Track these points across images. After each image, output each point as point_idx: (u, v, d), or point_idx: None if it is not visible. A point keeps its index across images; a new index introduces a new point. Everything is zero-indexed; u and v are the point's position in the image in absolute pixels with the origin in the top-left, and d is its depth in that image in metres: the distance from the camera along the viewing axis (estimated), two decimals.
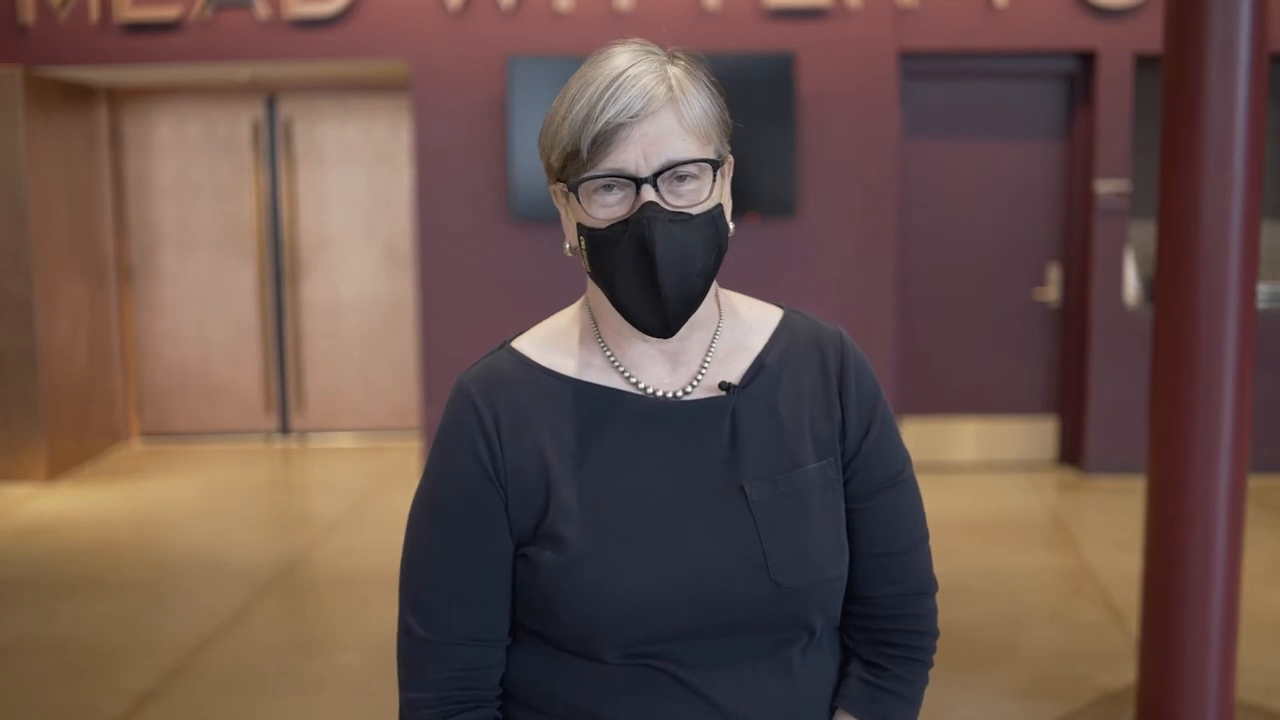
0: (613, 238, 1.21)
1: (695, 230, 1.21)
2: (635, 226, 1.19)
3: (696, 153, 1.21)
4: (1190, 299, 2.91)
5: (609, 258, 1.21)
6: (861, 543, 1.31)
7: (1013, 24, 6.03)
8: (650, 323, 1.22)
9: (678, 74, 1.22)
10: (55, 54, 6.24)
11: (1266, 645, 3.95)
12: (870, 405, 1.32)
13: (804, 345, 1.33)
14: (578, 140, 1.19)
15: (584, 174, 1.20)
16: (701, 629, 1.22)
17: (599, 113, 1.18)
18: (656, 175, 1.19)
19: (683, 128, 1.20)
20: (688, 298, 1.22)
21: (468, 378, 1.30)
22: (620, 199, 1.21)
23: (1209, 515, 2.94)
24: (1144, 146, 6.15)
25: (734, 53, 5.96)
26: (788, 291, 5.91)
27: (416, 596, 1.27)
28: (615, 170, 1.19)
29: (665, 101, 1.20)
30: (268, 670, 3.92)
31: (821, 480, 1.27)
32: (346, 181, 7.26)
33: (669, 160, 1.20)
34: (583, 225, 1.23)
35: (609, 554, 1.21)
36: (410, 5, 6.12)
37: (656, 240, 1.19)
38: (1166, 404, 2.98)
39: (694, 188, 1.22)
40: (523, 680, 1.28)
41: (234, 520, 5.76)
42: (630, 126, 1.19)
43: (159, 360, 7.37)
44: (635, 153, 1.19)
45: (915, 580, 1.33)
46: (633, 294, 1.21)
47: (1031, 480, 6.25)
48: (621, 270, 1.21)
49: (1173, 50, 2.92)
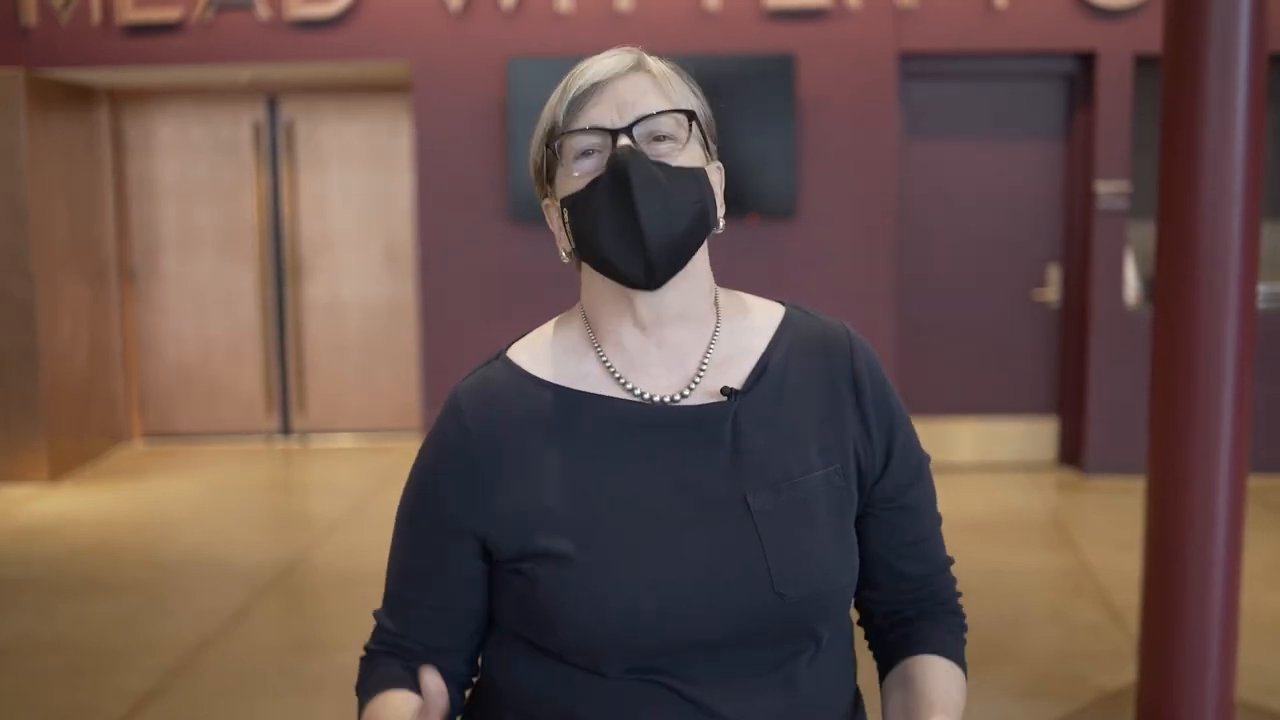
0: (590, 192, 1.21)
1: (675, 178, 1.21)
2: (611, 164, 1.19)
3: (671, 107, 1.22)
4: (1190, 299, 2.91)
5: (588, 213, 1.21)
6: (889, 534, 1.31)
7: (1012, 25, 6.03)
8: (634, 265, 1.20)
9: (653, 59, 1.25)
10: (57, 55, 6.25)
11: (1266, 645, 3.95)
12: (889, 410, 1.30)
13: (808, 345, 1.30)
14: (555, 114, 1.22)
15: (560, 134, 1.21)
16: (704, 641, 1.19)
17: (573, 84, 1.22)
18: (631, 127, 1.20)
19: (657, 90, 1.22)
20: (671, 239, 1.20)
21: (461, 390, 1.29)
22: (598, 163, 1.21)
23: (1209, 515, 2.94)
24: (1144, 147, 6.14)
25: (734, 53, 5.96)
26: (788, 292, 5.87)
27: (389, 591, 1.34)
28: (590, 124, 1.20)
29: (637, 69, 1.23)
30: (268, 670, 3.92)
31: (827, 486, 1.25)
32: (347, 182, 7.27)
33: (643, 112, 1.20)
34: (564, 200, 1.23)
35: (608, 566, 1.19)
36: (411, 6, 6.13)
37: (632, 171, 1.18)
38: (1166, 404, 2.98)
39: (671, 147, 1.22)
40: (523, 694, 1.26)
41: (234, 520, 5.76)
42: (603, 87, 1.21)
43: (160, 361, 7.38)
44: (610, 109, 1.20)
45: (938, 559, 1.36)
46: (613, 240, 1.20)
47: (1031, 480, 6.25)
48: (601, 218, 1.20)
49: (1172, 51, 2.92)
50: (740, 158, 5.81)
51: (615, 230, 1.19)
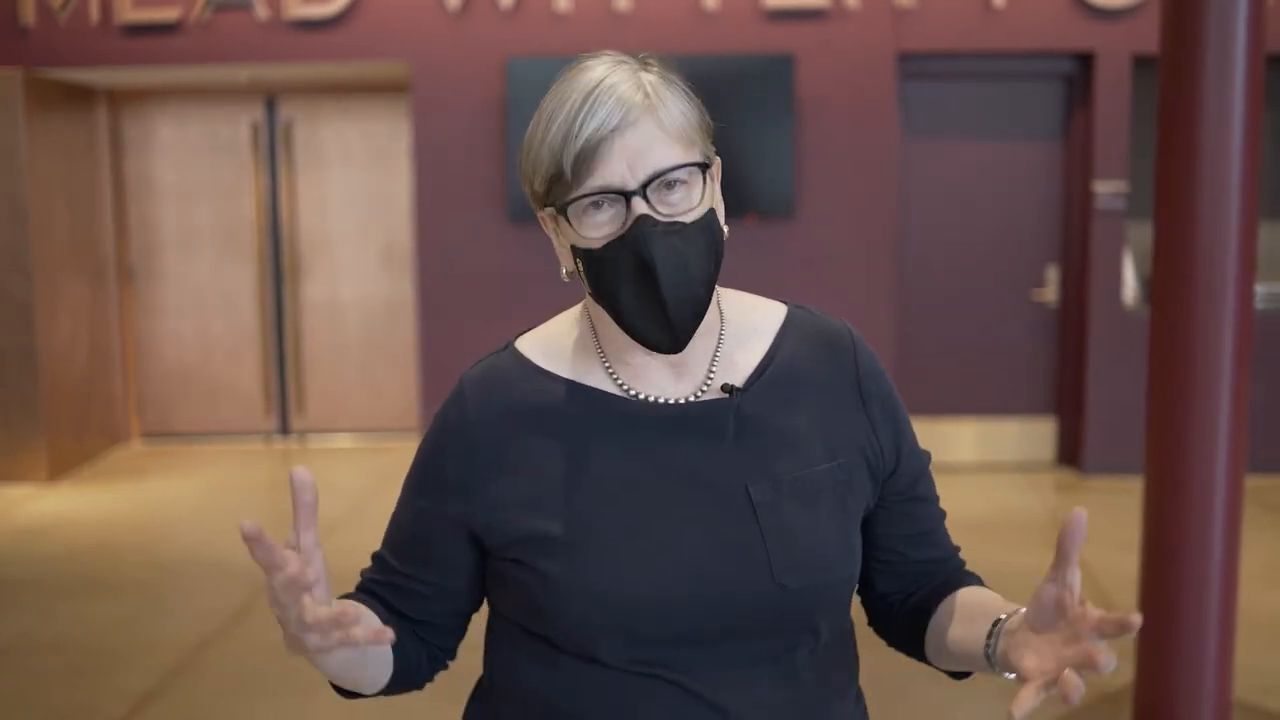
0: (611, 257, 1.18)
1: (692, 239, 1.19)
2: (632, 244, 1.17)
3: (682, 158, 1.18)
4: (1187, 299, 2.91)
5: (610, 279, 1.19)
6: (903, 526, 1.34)
7: (1011, 25, 6.04)
8: (659, 340, 1.20)
9: (652, 80, 1.19)
10: (55, 56, 6.26)
11: (1263, 645, 3.96)
12: (893, 409, 1.32)
13: (812, 344, 1.31)
14: (559, 162, 1.17)
15: (571, 195, 1.18)
16: (704, 633, 1.20)
17: (578, 130, 1.16)
18: (644, 186, 1.17)
19: (665, 134, 1.18)
20: (694, 310, 1.20)
21: (468, 377, 1.30)
22: (611, 216, 1.18)
23: (1206, 515, 2.94)
24: (1142, 147, 6.15)
25: (733, 54, 5.97)
26: (787, 292, 5.83)
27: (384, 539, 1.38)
28: (602, 187, 1.17)
29: (643, 110, 1.17)
30: (267, 670, 3.93)
31: (831, 481, 1.25)
32: (346, 183, 7.27)
33: (655, 169, 1.17)
34: (578, 247, 1.21)
35: (607, 557, 1.20)
36: (410, 7, 6.13)
37: (656, 257, 1.16)
38: (1164, 404, 2.98)
39: (684, 194, 1.19)
40: (522, 688, 1.27)
41: (234, 520, 5.73)
42: (611, 140, 1.16)
43: (159, 361, 7.38)
44: (620, 166, 1.16)
45: (949, 544, 1.40)
46: (639, 315, 1.19)
47: (1030, 481, 6.25)
48: (624, 290, 1.19)
49: (1169, 51, 2.93)
50: (739, 158, 5.82)
51: (639, 303, 1.19)
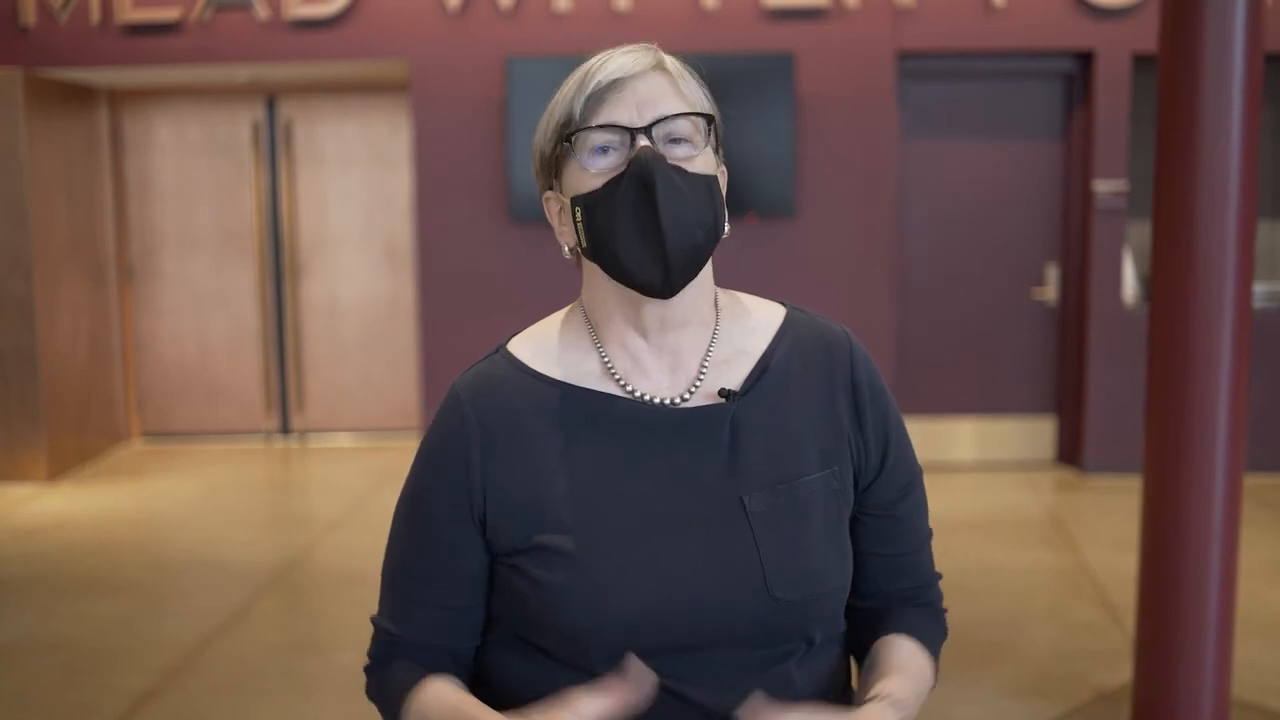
0: (610, 194, 1.19)
1: (693, 184, 1.19)
2: (634, 167, 1.17)
3: (690, 110, 1.21)
4: (1186, 298, 2.91)
5: (606, 215, 1.19)
6: (877, 544, 1.31)
7: (1011, 24, 6.03)
8: (652, 273, 1.18)
9: (672, 59, 1.24)
10: (56, 55, 6.26)
11: (1262, 643, 3.96)
12: (886, 419, 1.31)
13: (809, 347, 1.30)
14: (571, 106, 1.20)
15: (577, 129, 1.19)
16: (697, 642, 1.19)
17: (592, 77, 1.20)
18: (650, 127, 1.19)
19: (678, 94, 1.21)
20: (690, 247, 1.19)
21: (461, 384, 1.28)
22: (614, 161, 1.20)
23: (1205, 514, 2.94)
24: (1142, 146, 6.16)
25: (733, 53, 5.97)
26: (787, 292, 5.88)
27: (388, 588, 1.32)
28: (609, 122, 1.19)
29: (657, 68, 1.21)
30: (266, 670, 3.93)
31: (824, 490, 1.25)
32: (346, 182, 7.27)
33: (663, 113, 1.19)
34: (578, 197, 1.21)
35: (602, 565, 1.19)
36: (409, 6, 6.13)
37: (658, 180, 1.16)
38: (1163, 403, 2.99)
39: (687, 152, 1.21)
40: (516, 694, 1.26)
41: (234, 520, 5.76)
42: (623, 85, 1.19)
43: (159, 360, 7.38)
44: (629, 107, 1.19)
45: (926, 573, 1.36)
46: (634, 245, 1.18)
47: (1030, 480, 6.25)
48: (620, 221, 1.18)
49: (1168, 50, 2.93)
50: (739, 157, 5.80)
51: (635, 236, 1.18)
